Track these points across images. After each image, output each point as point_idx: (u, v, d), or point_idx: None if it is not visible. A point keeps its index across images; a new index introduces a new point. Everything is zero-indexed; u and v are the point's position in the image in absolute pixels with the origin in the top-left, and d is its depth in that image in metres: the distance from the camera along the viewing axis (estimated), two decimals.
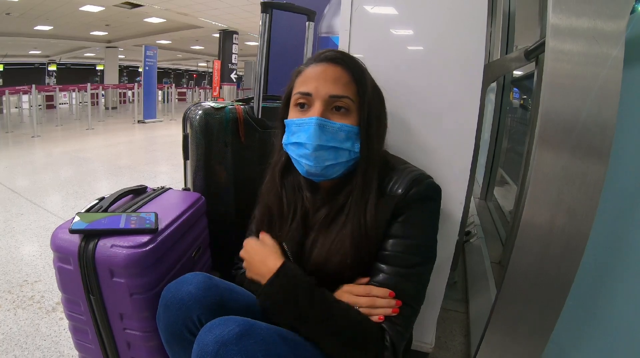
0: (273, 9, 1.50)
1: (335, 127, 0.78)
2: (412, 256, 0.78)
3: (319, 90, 0.78)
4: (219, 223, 1.31)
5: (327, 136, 0.78)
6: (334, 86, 0.78)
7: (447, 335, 1.55)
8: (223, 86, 12.11)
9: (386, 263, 0.79)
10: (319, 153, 0.78)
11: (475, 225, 2.38)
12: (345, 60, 0.81)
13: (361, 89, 0.81)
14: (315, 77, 0.80)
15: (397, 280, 0.77)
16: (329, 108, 0.79)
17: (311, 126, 0.77)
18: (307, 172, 0.82)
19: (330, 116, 0.79)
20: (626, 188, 0.93)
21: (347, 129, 0.79)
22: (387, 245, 0.79)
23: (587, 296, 0.99)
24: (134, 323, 0.93)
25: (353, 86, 0.80)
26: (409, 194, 0.78)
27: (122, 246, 0.88)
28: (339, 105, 0.79)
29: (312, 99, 0.79)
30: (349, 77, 0.80)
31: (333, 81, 0.79)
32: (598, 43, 0.73)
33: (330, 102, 0.79)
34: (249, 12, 9.53)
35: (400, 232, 0.79)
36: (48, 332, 1.52)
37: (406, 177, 0.80)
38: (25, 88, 8.62)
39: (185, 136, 1.35)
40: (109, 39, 14.64)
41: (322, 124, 0.78)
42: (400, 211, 0.79)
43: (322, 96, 0.78)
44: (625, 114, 0.78)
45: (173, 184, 1.31)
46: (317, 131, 0.77)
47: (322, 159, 0.79)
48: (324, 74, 0.79)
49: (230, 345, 0.66)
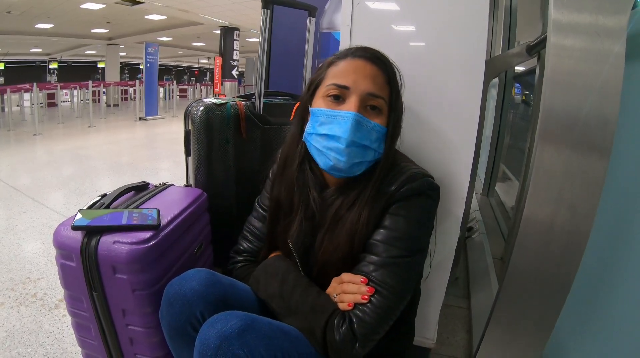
0: (274, 5, 1.50)
1: (370, 125, 0.78)
2: (395, 248, 0.77)
3: (357, 85, 0.78)
4: (221, 219, 1.31)
5: (362, 133, 0.77)
6: (372, 84, 0.78)
7: (449, 330, 1.55)
8: (224, 83, 12.10)
9: (370, 252, 0.79)
10: (352, 149, 0.77)
11: (477, 221, 2.38)
12: (383, 60, 0.81)
13: (393, 92, 0.81)
14: (354, 72, 0.79)
15: (377, 269, 0.76)
16: (364, 106, 0.79)
17: (349, 120, 0.76)
18: (333, 167, 0.80)
19: (365, 114, 0.78)
20: (627, 184, 0.92)
21: (379, 129, 0.79)
22: (374, 235, 0.80)
23: (588, 291, 0.99)
24: (136, 319, 0.93)
25: (387, 87, 0.81)
26: (401, 190, 0.79)
27: (124, 242, 0.88)
28: (374, 104, 0.79)
29: (349, 92, 0.78)
30: (385, 78, 0.80)
31: (371, 77, 0.79)
32: (600, 39, 0.73)
33: (366, 100, 0.78)
34: (250, 9, 9.50)
35: (387, 223, 0.79)
36: (51, 329, 1.53)
37: (403, 175, 0.80)
38: (26, 86, 8.63)
39: (187, 132, 1.35)
40: (110, 36, 14.60)
41: (359, 120, 0.77)
42: (389, 205, 0.79)
43: (360, 91, 0.78)
44: (627, 110, 0.78)
45: (175, 181, 1.31)
46: (354, 127, 0.76)
47: (353, 155, 0.78)
48: (363, 70, 0.79)
49: (232, 340, 0.66)
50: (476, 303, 1.62)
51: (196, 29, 13.03)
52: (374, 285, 0.75)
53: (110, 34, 14.13)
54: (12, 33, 12.13)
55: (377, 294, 0.75)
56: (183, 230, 1.05)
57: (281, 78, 2.24)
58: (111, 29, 12.99)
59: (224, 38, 12.34)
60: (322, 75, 0.83)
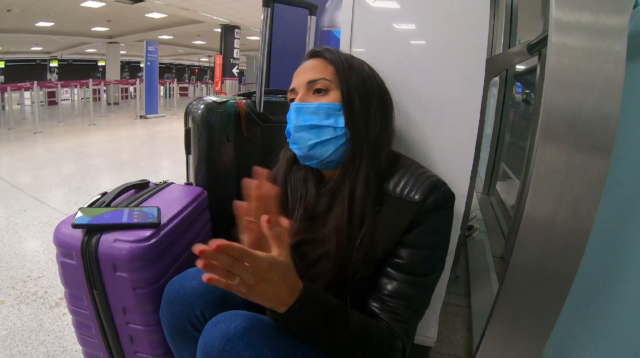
0: (275, 2, 1.49)
1: (312, 107, 0.79)
2: (426, 265, 0.76)
3: (299, 81, 0.83)
4: (221, 217, 1.30)
5: (304, 116, 0.79)
6: (310, 73, 0.82)
7: (449, 329, 1.55)
8: (225, 81, 12.09)
9: (401, 271, 0.76)
10: (300, 134, 0.79)
11: (477, 220, 2.38)
12: (321, 51, 0.84)
13: (338, 68, 0.81)
14: (297, 74, 0.85)
15: (409, 288, 0.75)
16: (309, 93, 0.81)
17: (291, 112, 0.81)
18: (301, 157, 0.83)
19: (308, 99, 0.81)
20: (628, 182, 0.92)
21: (325, 106, 0.79)
22: (403, 254, 0.76)
23: (589, 290, 0.99)
24: (136, 317, 0.94)
25: (330, 67, 0.81)
26: (427, 202, 0.75)
27: (124, 240, 0.88)
28: (318, 88, 0.81)
29: (296, 92, 0.83)
30: (325, 62, 0.82)
31: (310, 69, 0.82)
32: (601, 37, 0.72)
33: (309, 88, 0.81)
34: (250, 7, 9.48)
35: (416, 241, 0.76)
36: (51, 327, 1.53)
37: (424, 183, 0.77)
38: (27, 84, 8.62)
39: (187, 130, 1.35)
40: (111, 34, 14.59)
41: (298, 107, 0.80)
42: (418, 221, 0.76)
43: (301, 84, 0.82)
44: (628, 109, 0.78)
45: (175, 179, 1.31)
46: (295, 114, 0.80)
47: (304, 139, 0.79)
48: (303, 68, 0.84)
49: (237, 340, 0.66)
50: (476, 302, 1.62)
51: (197, 27, 13.01)
52: (409, 304, 0.75)
53: (111, 32, 14.11)
54: (13, 31, 12.12)
55: (411, 311, 0.76)
56: (183, 228, 1.05)
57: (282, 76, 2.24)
58: (111, 27, 12.98)
59: (225, 36, 12.32)
60: None
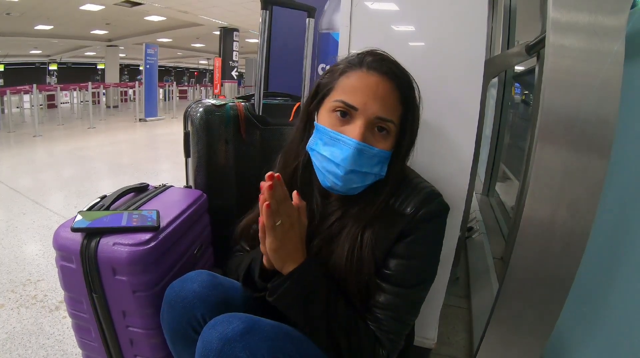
0: (273, 5, 1.50)
1: (373, 152, 0.74)
2: (414, 276, 0.77)
3: (366, 107, 0.73)
4: (221, 220, 1.31)
5: (362, 160, 0.74)
6: (382, 107, 0.73)
7: (449, 330, 1.55)
8: (224, 84, 12.10)
9: (388, 282, 0.77)
10: (350, 176, 0.74)
11: (477, 221, 2.38)
12: (399, 75, 0.76)
13: (407, 112, 0.77)
14: (365, 91, 0.73)
15: (395, 299, 0.76)
16: (373, 130, 0.75)
17: (350, 149, 0.72)
18: (330, 187, 0.78)
19: (370, 137, 0.74)
20: (627, 183, 0.92)
21: (382, 155, 0.76)
22: (391, 264, 0.77)
23: (588, 290, 0.99)
24: (136, 321, 0.93)
25: (400, 108, 0.76)
26: (419, 214, 0.76)
27: (124, 244, 0.88)
28: (381, 126, 0.74)
29: (357, 114, 0.73)
30: (398, 97, 0.75)
31: (382, 99, 0.73)
32: (599, 38, 0.73)
33: (375, 123, 0.74)
34: (249, 9, 9.50)
35: (405, 252, 0.77)
36: (51, 330, 1.53)
37: (417, 195, 0.77)
38: (26, 88, 8.63)
39: (187, 133, 1.35)
40: (110, 37, 14.60)
41: (362, 149, 0.72)
42: (408, 232, 0.76)
43: (368, 115, 0.73)
44: (626, 109, 0.78)
45: (175, 182, 1.31)
46: (354, 156, 0.72)
47: (350, 181, 0.75)
48: (375, 89, 0.73)
49: (235, 342, 0.66)
50: (476, 303, 1.62)
51: (196, 30, 13.03)
52: (395, 315, 0.76)
53: (110, 35, 14.12)
54: (12, 35, 12.14)
55: (396, 321, 0.76)
56: (183, 231, 1.05)
57: (280, 79, 2.24)
58: (111, 30, 12.99)
59: (224, 39, 12.35)
60: (332, 84, 0.78)
